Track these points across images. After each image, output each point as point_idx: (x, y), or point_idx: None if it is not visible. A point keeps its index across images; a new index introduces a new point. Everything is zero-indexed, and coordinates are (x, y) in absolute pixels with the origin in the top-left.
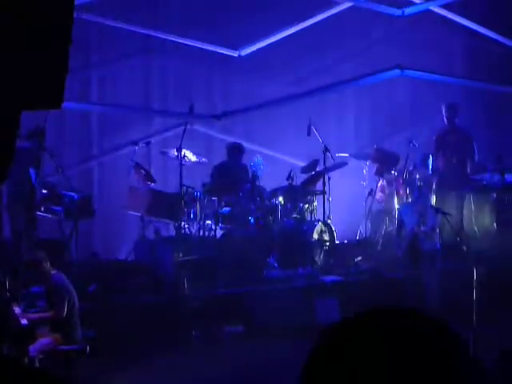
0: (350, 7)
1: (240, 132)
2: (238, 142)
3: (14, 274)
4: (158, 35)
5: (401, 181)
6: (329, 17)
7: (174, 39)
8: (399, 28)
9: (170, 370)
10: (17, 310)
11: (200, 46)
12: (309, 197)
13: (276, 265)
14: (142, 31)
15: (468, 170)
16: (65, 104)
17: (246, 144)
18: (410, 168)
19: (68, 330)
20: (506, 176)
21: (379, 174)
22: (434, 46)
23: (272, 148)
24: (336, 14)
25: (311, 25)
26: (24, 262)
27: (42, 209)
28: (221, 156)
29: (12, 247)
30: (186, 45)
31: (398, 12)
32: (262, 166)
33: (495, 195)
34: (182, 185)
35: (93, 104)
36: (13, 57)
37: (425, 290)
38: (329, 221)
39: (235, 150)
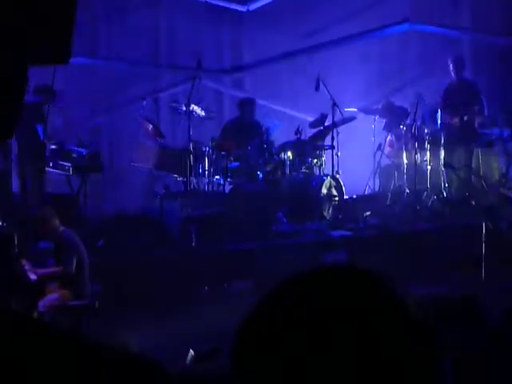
0: None
1: (249, 87)
2: (249, 97)
3: (23, 228)
4: None
5: (409, 135)
6: None
7: None
8: None
9: (178, 324)
10: (26, 265)
11: (208, 0)
12: (317, 151)
13: (285, 220)
14: None
15: (476, 125)
16: (73, 59)
17: (259, 101)
18: (419, 123)
19: (77, 286)
20: None
21: (388, 128)
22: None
23: (281, 103)
24: None
25: None
26: (33, 217)
27: (51, 164)
28: (230, 111)
29: (21, 201)
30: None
31: None
32: (275, 125)
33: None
34: (190, 140)
35: (101, 59)
36: (19, 12)
37: (432, 245)
38: (337, 176)
39: (247, 105)
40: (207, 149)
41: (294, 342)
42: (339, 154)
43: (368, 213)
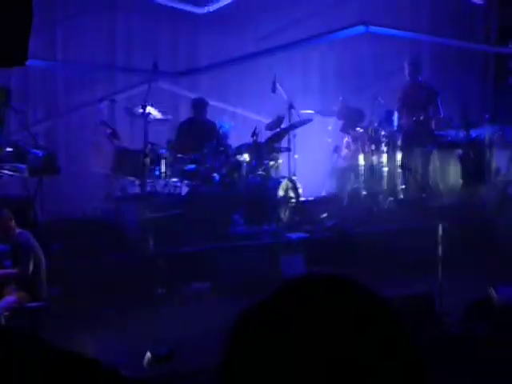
0: None
1: (205, 89)
2: (201, 96)
3: None
4: None
5: (366, 137)
6: None
7: None
8: None
9: (134, 327)
10: None
11: (165, 2)
12: (274, 154)
13: (242, 222)
14: None
15: (433, 127)
16: (29, 61)
17: (211, 101)
18: (375, 125)
19: (34, 288)
20: (471, 132)
21: (344, 130)
22: (399, 2)
23: (237, 105)
24: None
25: None
26: None
27: (7, 166)
28: (186, 113)
29: None
30: (151, 1)
31: None
32: (228, 126)
33: (461, 151)
34: (147, 142)
35: (57, 61)
36: None
37: (389, 246)
38: (294, 178)
39: (199, 105)
40: (164, 151)
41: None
42: (296, 156)
43: (325, 215)
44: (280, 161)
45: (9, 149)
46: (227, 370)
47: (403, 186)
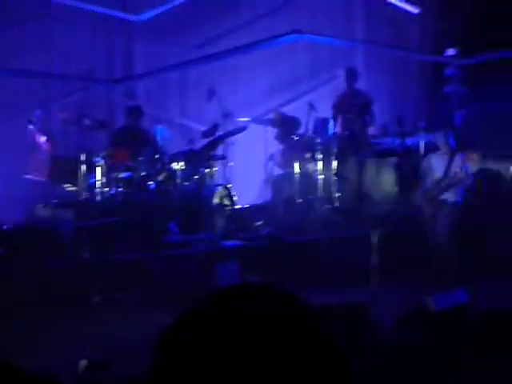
0: None
1: (142, 97)
2: (136, 104)
3: None
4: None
5: (301, 145)
6: None
7: (74, 4)
8: None
9: (70, 335)
10: None
11: (100, 10)
12: (209, 161)
13: (176, 230)
14: None
15: (368, 135)
16: None
17: (148, 109)
18: (311, 133)
19: None
20: (406, 140)
21: (280, 138)
22: (335, 11)
23: (173, 112)
24: None
25: None
26: None
27: None
28: (121, 121)
29: None
30: (87, 9)
31: None
32: (165, 134)
33: (396, 159)
34: (82, 150)
35: None
36: None
37: (324, 255)
38: (229, 185)
39: (135, 113)
40: (99, 159)
41: (210, 359)
42: (231, 163)
43: (260, 223)
44: (215, 169)
45: None
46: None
47: (338, 194)
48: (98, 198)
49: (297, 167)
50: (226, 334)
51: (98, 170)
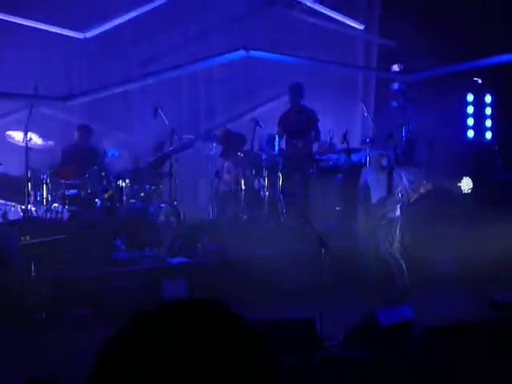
0: None
1: (86, 114)
2: (86, 123)
3: None
4: (1, 17)
5: (247, 162)
6: None
7: (18, 21)
8: (246, 10)
9: (15, 353)
10: None
11: (44, 27)
12: (156, 179)
13: (123, 247)
14: None
15: (313, 151)
16: None
17: (93, 125)
18: (256, 149)
19: None
20: (352, 156)
21: (225, 155)
22: (281, 28)
23: (119, 129)
24: None
25: (159, 5)
26: None
27: None
28: (68, 138)
29: None
30: (29, 27)
31: None
32: (114, 153)
33: (341, 175)
34: (28, 167)
35: None
36: None
37: (269, 271)
38: (175, 202)
39: (84, 131)
40: (45, 176)
41: (145, 374)
42: (177, 180)
43: (206, 239)
44: (161, 186)
45: None
46: None
47: (284, 211)
48: (44, 215)
49: (243, 184)
50: (163, 347)
51: (45, 188)
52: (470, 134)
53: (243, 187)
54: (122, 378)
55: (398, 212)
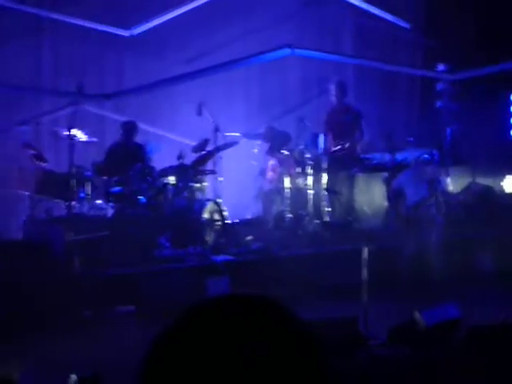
0: None
1: (132, 111)
2: (131, 119)
3: None
4: (49, 14)
5: (291, 160)
6: None
7: (64, 18)
8: (291, 8)
9: (60, 349)
10: None
11: (90, 25)
12: (199, 176)
13: (167, 244)
14: (32, 10)
15: (358, 150)
16: None
17: (142, 125)
18: (301, 147)
19: None
20: (396, 155)
21: (270, 153)
22: (324, 26)
23: (164, 127)
24: None
25: (204, 3)
26: None
27: None
28: (113, 136)
29: None
30: (77, 24)
31: None
32: (157, 148)
33: (386, 174)
34: (72, 164)
35: None
36: None
37: (314, 269)
38: (219, 200)
39: (129, 128)
40: (89, 173)
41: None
42: (221, 178)
43: (250, 237)
44: (205, 183)
45: None
46: None
47: (329, 209)
48: (88, 212)
49: (287, 182)
50: (214, 344)
51: (89, 185)
52: None
53: (288, 185)
54: (174, 375)
55: (433, 212)
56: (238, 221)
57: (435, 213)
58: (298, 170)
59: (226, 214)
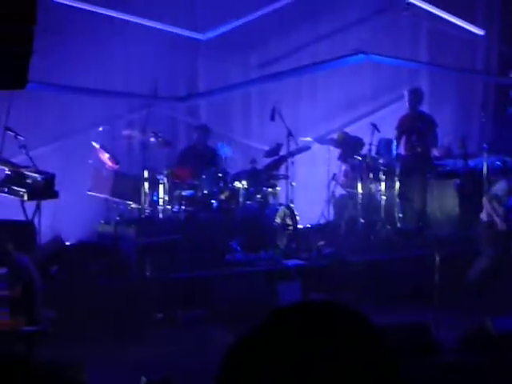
0: None
1: (204, 115)
2: (204, 123)
3: None
4: (122, 17)
5: (364, 166)
6: (294, 1)
7: (138, 21)
8: (364, 14)
9: (131, 351)
10: None
11: (165, 28)
12: (272, 181)
13: (239, 248)
14: (105, 13)
15: (431, 156)
16: (29, 85)
17: (214, 128)
18: (374, 153)
19: (29, 311)
20: (469, 161)
21: (343, 158)
22: (399, 32)
23: (236, 131)
24: None
25: (277, 8)
26: None
27: (6, 190)
28: (184, 139)
29: None
30: (150, 27)
31: None
32: (227, 151)
33: (458, 181)
34: (145, 167)
35: (56, 85)
36: None
37: (385, 275)
38: (292, 205)
39: (202, 132)
40: (162, 176)
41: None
42: (294, 183)
43: (322, 242)
44: (278, 188)
45: (7, 172)
46: None
47: (401, 215)
48: (161, 215)
49: (359, 187)
50: (291, 352)
51: (161, 188)
52: None
53: (360, 191)
54: (253, 380)
55: None
56: (309, 226)
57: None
58: (371, 175)
59: (297, 218)
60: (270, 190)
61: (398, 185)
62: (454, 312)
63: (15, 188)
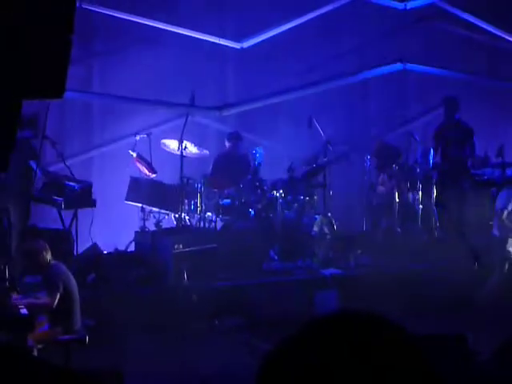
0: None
1: (237, 123)
2: (235, 130)
3: (13, 260)
4: (161, 26)
5: (401, 175)
6: (331, 10)
7: (176, 30)
8: (401, 22)
9: (169, 360)
10: (16, 298)
11: (201, 37)
12: (309, 189)
13: (276, 257)
14: (144, 22)
15: (468, 165)
16: (67, 93)
17: (245, 135)
18: (411, 162)
19: (67, 320)
20: (506, 170)
21: (380, 167)
22: (435, 40)
23: (273, 139)
24: (338, 7)
25: (314, 17)
26: (23, 250)
27: (44, 199)
28: (217, 146)
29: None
30: (188, 36)
31: (400, 6)
32: (259, 154)
33: (496, 190)
34: (182, 176)
35: (95, 94)
36: (15, 45)
37: (423, 284)
38: (329, 214)
39: (234, 139)
40: (199, 185)
41: None
42: (331, 192)
43: (359, 251)
44: (315, 197)
45: (45, 181)
46: None
47: (438, 224)
48: (198, 224)
49: (397, 196)
50: (327, 361)
51: (198, 197)
52: None
53: (397, 200)
54: None
55: None
56: (347, 234)
57: None
58: (408, 184)
59: (335, 227)
60: (307, 198)
61: (435, 194)
62: (493, 322)
63: (53, 197)
